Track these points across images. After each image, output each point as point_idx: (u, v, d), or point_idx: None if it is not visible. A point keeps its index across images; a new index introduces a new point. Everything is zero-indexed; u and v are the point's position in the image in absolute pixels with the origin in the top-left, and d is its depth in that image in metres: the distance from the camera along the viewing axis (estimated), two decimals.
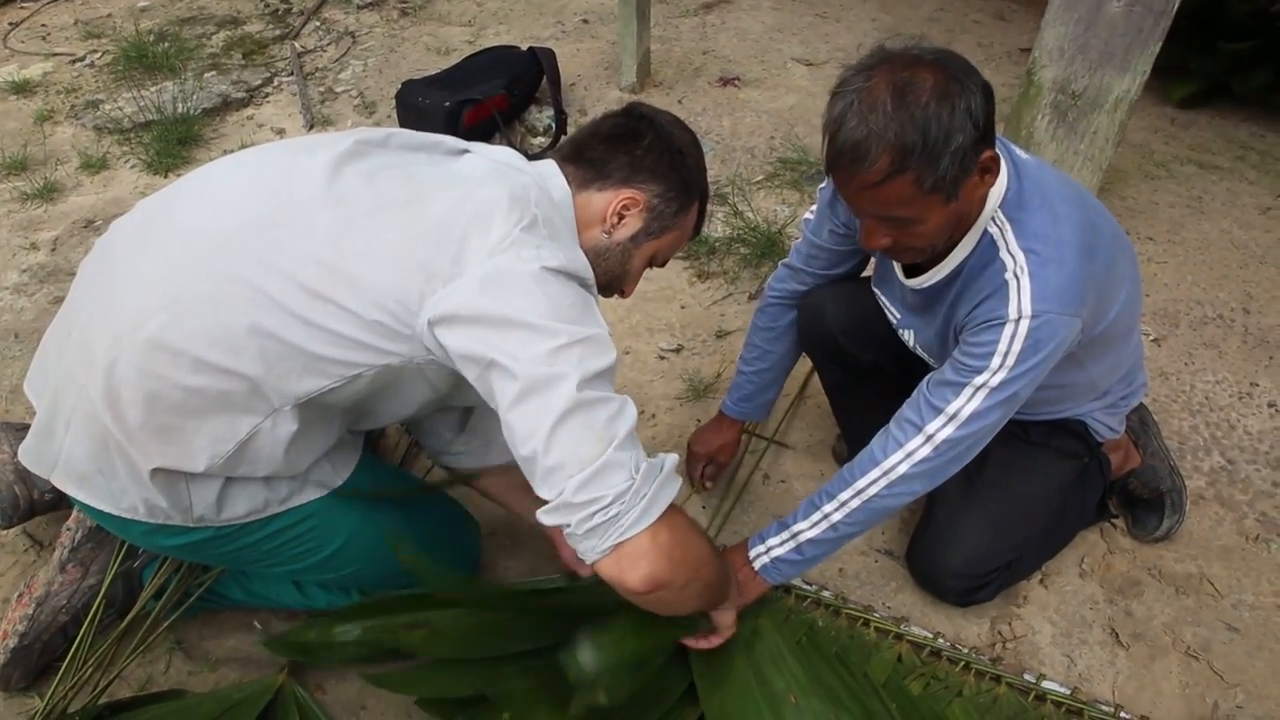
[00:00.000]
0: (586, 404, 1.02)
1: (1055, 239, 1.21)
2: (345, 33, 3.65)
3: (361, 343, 1.08)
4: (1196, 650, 1.58)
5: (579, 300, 1.09)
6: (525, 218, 1.09)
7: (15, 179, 2.79)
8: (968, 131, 1.07)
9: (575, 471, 1.01)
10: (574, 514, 1.02)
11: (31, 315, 2.28)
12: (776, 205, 2.67)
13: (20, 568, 1.67)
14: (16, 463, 1.55)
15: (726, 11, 3.79)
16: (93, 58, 3.47)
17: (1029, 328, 1.20)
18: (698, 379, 2.10)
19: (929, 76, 1.08)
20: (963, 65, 1.11)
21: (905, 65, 1.09)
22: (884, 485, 1.33)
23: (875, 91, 1.08)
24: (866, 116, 1.08)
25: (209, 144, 2.98)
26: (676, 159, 1.26)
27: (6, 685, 1.46)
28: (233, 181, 1.17)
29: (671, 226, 1.30)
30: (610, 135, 1.26)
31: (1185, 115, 3.15)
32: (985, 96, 1.10)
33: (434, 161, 1.19)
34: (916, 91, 1.07)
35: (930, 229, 1.18)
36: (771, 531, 1.44)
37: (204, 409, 1.10)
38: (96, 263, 1.20)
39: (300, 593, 1.51)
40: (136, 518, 1.18)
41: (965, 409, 1.26)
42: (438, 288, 1.05)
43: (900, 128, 1.06)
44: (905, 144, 1.07)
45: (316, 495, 1.28)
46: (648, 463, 1.06)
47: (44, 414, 1.19)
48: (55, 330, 1.22)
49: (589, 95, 3.20)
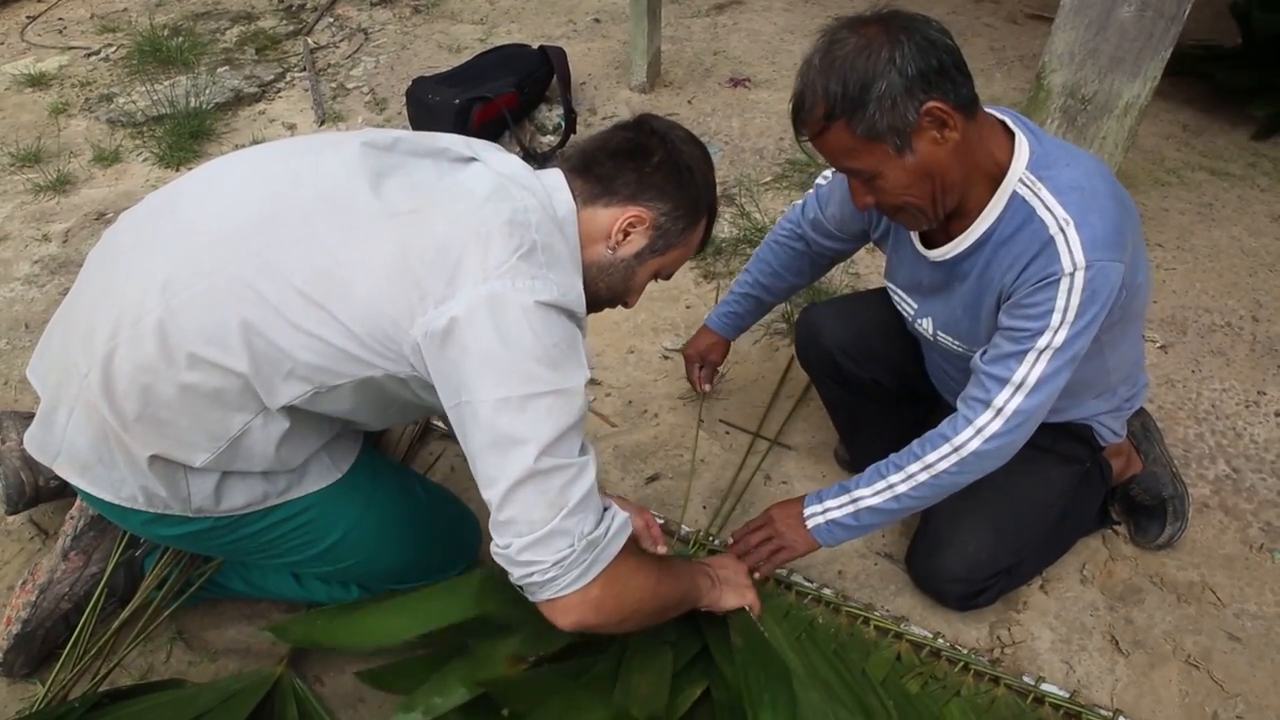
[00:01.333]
0: (544, 472, 1.06)
1: (1090, 189, 1.21)
2: (358, 29, 3.67)
3: (347, 353, 1.08)
4: (1197, 659, 1.57)
5: (565, 338, 1.09)
6: (524, 244, 1.09)
7: (29, 171, 2.81)
8: (891, 78, 1.11)
9: (524, 532, 1.08)
10: (516, 569, 1.11)
11: (42, 306, 2.30)
12: (784, 206, 2.67)
13: (25, 555, 1.68)
14: (23, 450, 1.56)
15: (738, 12, 3.79)
16: (108, 51, 3.50)
17: (1086, 278, 1.19)
18: None
19: (866, 31, 1.14)
20: (907, 20, 1.15)
21: (848, 24, 1.16)
22: (954, 462, 1.33)
23: (814, 54, 1.17)
24: (805, 73, 1.17)
25: (221, 138, 3.00)
26: (685, 176, 1.25)
27: (9, 672, 1.47)
28: (237, 180, 1.17)
29: (677, 244, 1.29)
30: (619, 150, 1.24)
31: (1197, 122, 3.13)
32: (922, 48, 1.12)
33: (440, 170, 1.18)
34: (841, 46, 1.14)
35: (893, 182, 1.20)
36: (831, 493, 1.44)
37: (197, 404, 1.11)
38: (101, 254, 1.22)
39: (300, 585, 1.52)
40: (136, 507, 1.19)
41: (1032, 374, 1.25)
42: (429, 307, 1.05)
43: (825, 79, 1.14)
44: (830, 93, 1.14)
45: (316, 488, 1.29)
46: (591, 535, 1.11)
47: (47, 401, 1.20)
48: (60, 318, 1.23)
49: (599, 94, 3.21)
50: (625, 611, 1.19)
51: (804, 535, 1.45)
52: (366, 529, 1.36)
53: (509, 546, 1.09)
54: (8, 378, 2.09)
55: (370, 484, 1.37)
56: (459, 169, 1.19)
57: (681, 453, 1.95)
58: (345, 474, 1.33)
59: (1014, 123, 1.27)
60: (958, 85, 1.15)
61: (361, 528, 1.35)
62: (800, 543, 1.46)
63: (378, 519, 1.37)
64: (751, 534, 1.50)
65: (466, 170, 1.18)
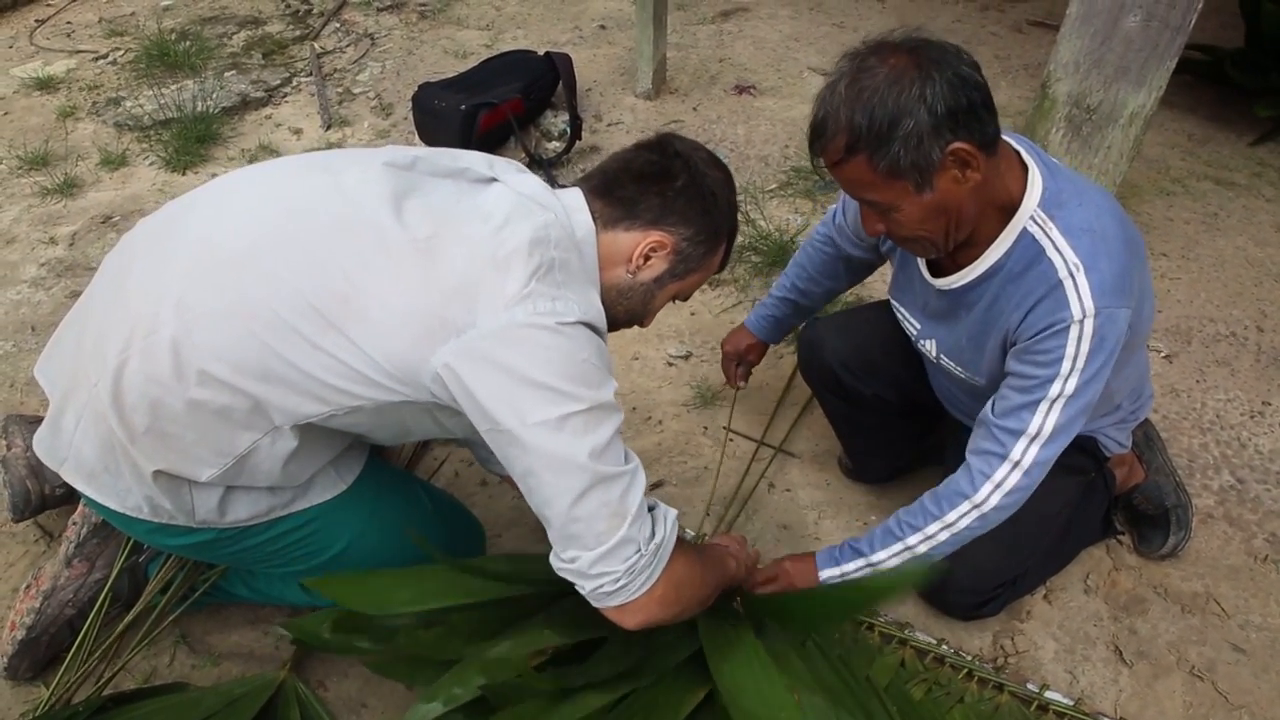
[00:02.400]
0: (601, 480, 1.07)
1: (1101, 232, 1.20)
2: (364, 34, 3.68)
3: (366, 377, 1.07)
4: (1201, 670, 1.57)
5: (593, 353, 1.09)
6: (543, 263, 1.08)
7: (36, 174, 2.82)
8: (920, 116, 1.08)
9: (592, 545, 1.09)
10: (587, 582, 1.12)
11: (49, 309, 2.30)
12: (789, 214, 2.67)
13: (30, 558, 1.68)
14: (29, 457, 1.57)
15: (743, 20, 3.80)
16: (115, 55, 3.51)
17: (1095, 325, 1.18)
18: (705, 386, 2.10)
19: (895, 61, 1.10)
20: (939, 53, 1.10)
21: (877, 50, 1.12)
22: (975, 519, 1.32)
23: (839, 79, 1.13)
24: (828, 99, 1.14)
25: (227, 143, 3.01)
26: (708, 202, 1.23)
27: (14, 676, 1.48)
28: (255, 196, 1.16)
29: (697, 268, 1.28)
30: (642, 174, 1.21)
31: (1203, 131, 3.14)
32: (954, 85, 1.08)
33: (460, 192, 1.16)
34: (871, 75, 1.10)
35: (908, 217, 1.18)
36: (846, 556, 1.44)
37: (204, 421, 1.10)
38: (116, 261, 1.21)
39: (305, 591, 1.52)
40: (141, 516, 1.20)
41: (1047, 425, 1.25)
42: (450, 337, 1.04)
43: (850, 110, 1.10)
44: (854, 125, 1.10)
45: (320, 500, 1.29)
46: (655, 539, 1.14)
47: (55, 406, 1.20)
48: (72, 321, 1.23)
49: (605, 101, 3.21)
50: (684, 602, 1.22)
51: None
52: (371, 538, 1.36)
53: (576, 560, 1.10)
54: (14, 380, 2.09)
55: (375, 493, 1.37)
56: (479, 190, 1.17)
57: (686, 459, 1.95)
58: (350, 485, 1.33)
59: (1028, 154, 1.25)
60: (984, 124, 1.13)
61: (366, 537, 1.35)
62: None
63: (382, 528, 1.37)
64: (763, 585, 1.49)
65: (486, 191, 1.17)
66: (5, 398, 2.04)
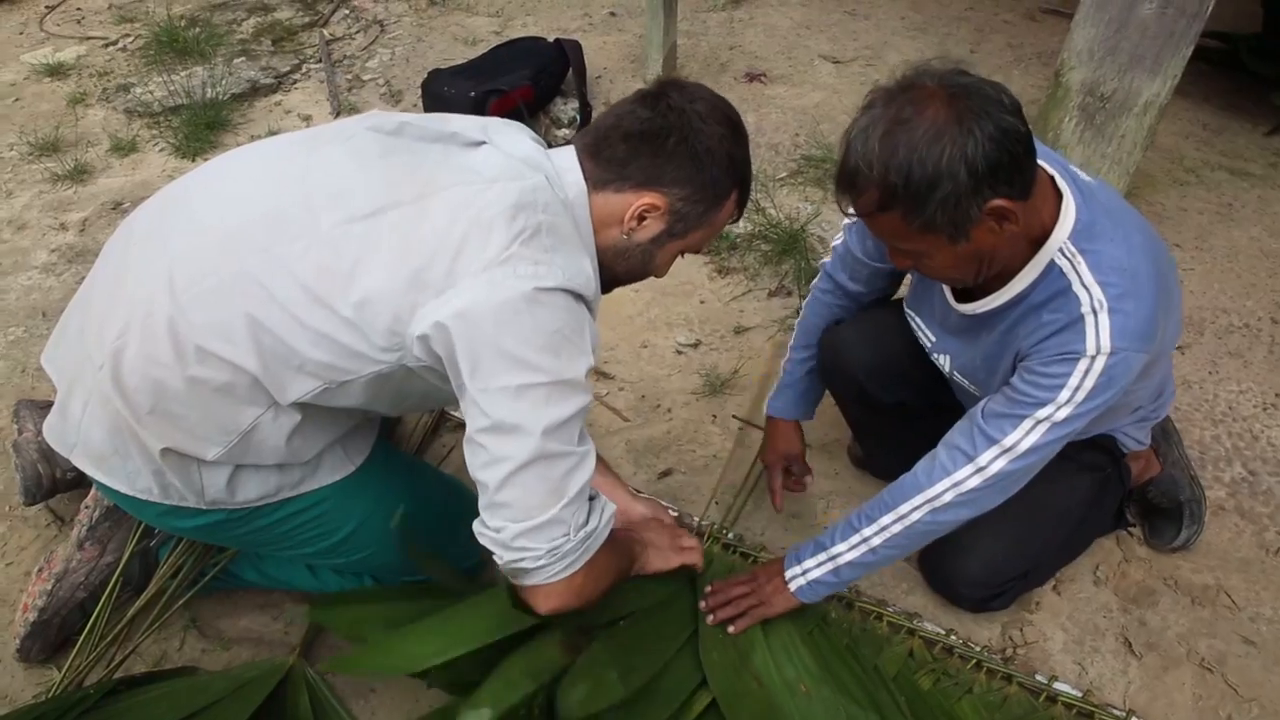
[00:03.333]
0: (547, 457, 1.06)
1: (1132, 271, 1.15)
2: (374, 21, 3.67)
3: (354, 350, 1.08)
4: (1211, 663, 1.56)
5: (568, 323, 1.07)
6: (528, 227, 1.06)
7: (47, 160, 2.83)
8: (959, 179, 1.03)
9: (520, 518, 1.08)
10: (505, 553, 1.11)
11: (59, 295, 2.31)
12: (799, 202, 2.66)
13: (42, 542, 1.69)
14: (40, 441, 1.57)
15: (754, 7, 3.78)
16: (125, 42, 3.51)
17: (1106, 364, 1.15)
18: (714, 374, 2.10)
19: (934, 113, 1.03)
20: (981, 101, 1.04)
21: (918, 97, 1.05)
22: (927, 512, 1.30)
23: (874, 126, 1.06)
24: (858, 147, 1.08)
25: (237, 129, 3.01)
26: (704, 160, 1.17)
27: (26, 657, 1.49)
28: (245, 175, 1.17)
29: (698, 225, 1.23)
30: (632, 133, 1.16)
31: (1218, 121, 3.11)
32: (996, 141, 1.03)
33: (447, 154, 1.15)
34: (910, 130, 1.04)
35: (939, 264, 1.16)
36: (808, 552, 1.42)
37: (207, 398, 1.11)
38: (115, 246, 1.22)
39: (314, 576, 1.53)
40: (151, 499, 1.20)
41: (1024, 442, 1.22)
42: (429, 299, 1.03)
43: (884, 167, 1.05)
44: (888, 184, 1.05)
45: (329, 480, 1.30)
46: (586, 527, 1.13)
47: (63, 392, 1.21)
48: (75, 307, 1.24)
49: (614, 88, 3.20)
50: (598, 593, 1.22)
51: (784, 595, 1.43)
52: (380, 521, 1.36)
53: (501, 530, 1.09)
54: (25, 365, 2.10)
55: (384, 476, 1.37)
56: (468, 153, 1.16)
57: (695, 448, 1.95)
58: (359, 466, 1.33)
59: (1062, 177, 1.20)
60: (1024, 173, 1.08)
61: (375, 520, 1.35)
62: (779, 603, 1.44)
63: (390, 510, 1.37)
64: (733, 586, 1.48)
65: (475, 153, 1.16)
66: (17, 383, 2.05)
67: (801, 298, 2.28)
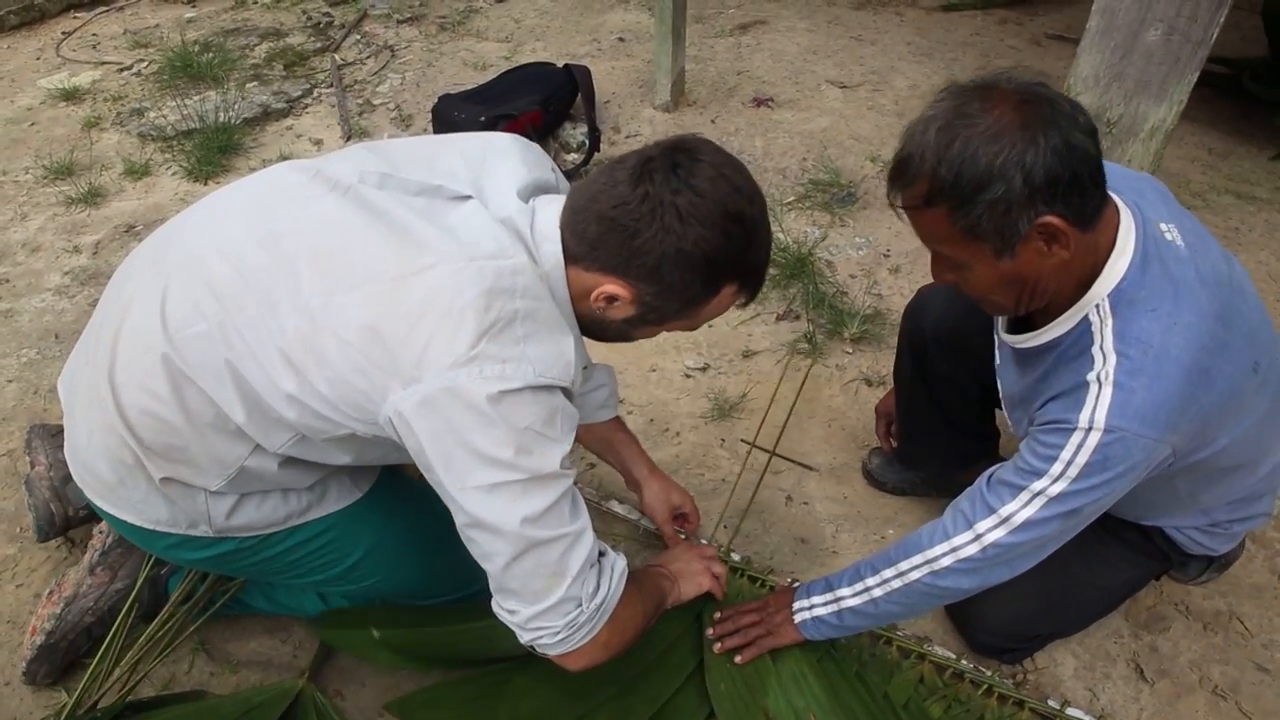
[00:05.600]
0: (536, 545, 1.06)
1: (1160, 349, 1.06)
2: (384, 46, 3.71)
3: (324, 416, 1.07)
4: (1224, 690, 1.55)
5: (538, 417, 1.03)
6: (501, 317, 1.01)
7: (61, 183, 2.85)
8: (1013, 184, 0.98)
9: (529, 603, 1.09)
10: (525, 634, 1.13)
11: (72, 317, 2.33)
12: (807, 226, 2.67)
13: (53, 564, 1.70)
14: (52, 478, 1.58)
15: (762, 32, 3.81)
16: (140, 66, 3.55)
17: (1099, 442, 1.08)
18: (723, 398, 2.10)
19: (1000, 114, 0.99)
20: (1053, 113, 0.99)
21: (985, 94, 1.01)
22: (926, 573, 1.25)
23: (935, 118, 1.02)
24: (917, 137, 1.03)
25: (249, 153, 3.04)
26: (674, 263, 1.06)
27: (33, 680, 1.49)
28: (242, 220, 1.14)
29: (677, 318, 1.16)
30: (604, 215, 1.06)
31: (1224, 145, 3.12)
32: (1060, 154, 0.97)
33: (429, 215, 1.09)
34: (971, 126, 0.99)
35: (980, 280, 1.10)
36: (817, 589, 1.40)
37: (203, 433, 1.12)
38: (120, 277, 1.23)
39: (324, 602, 1.53)
40: (160, 529, 1.21)
41: (1019, 515, 1.16)
42: (398, 388, 1.01)
43: (936, 158, 1.01)
44: (938, 176, 1.01)
45: (336, 508, 1.31)
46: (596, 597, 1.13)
47: (70, 421, 1.23)
48: (84, 338, 1.26)
49: (623, 113, 3.22)
50: (627, 642, 1.24)
51: (791, 628, 1.42)
52: (388, 548, 1.36)
53: (515, 614, 1.11)
54: (38, 387, 2.11)
55: (391, 502, 1.38)
56: (451, 211, 1.10)
57: (703, 471, 1.95)
58: (366, 493, 1.34)
59: (1139, 230, 1.11)
60: (1086, 199, 1.02)
61: (383, 547, 1.36)
62: (786, 634, 1.42)
63: (398, 537, 1.37)
64: (743, 614, 1.47)
65: (458, 212, 1.10)
66: (30, 404, 2.07)
67: (809, 322, 2.30)
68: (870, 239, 2.62)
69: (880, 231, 2.65)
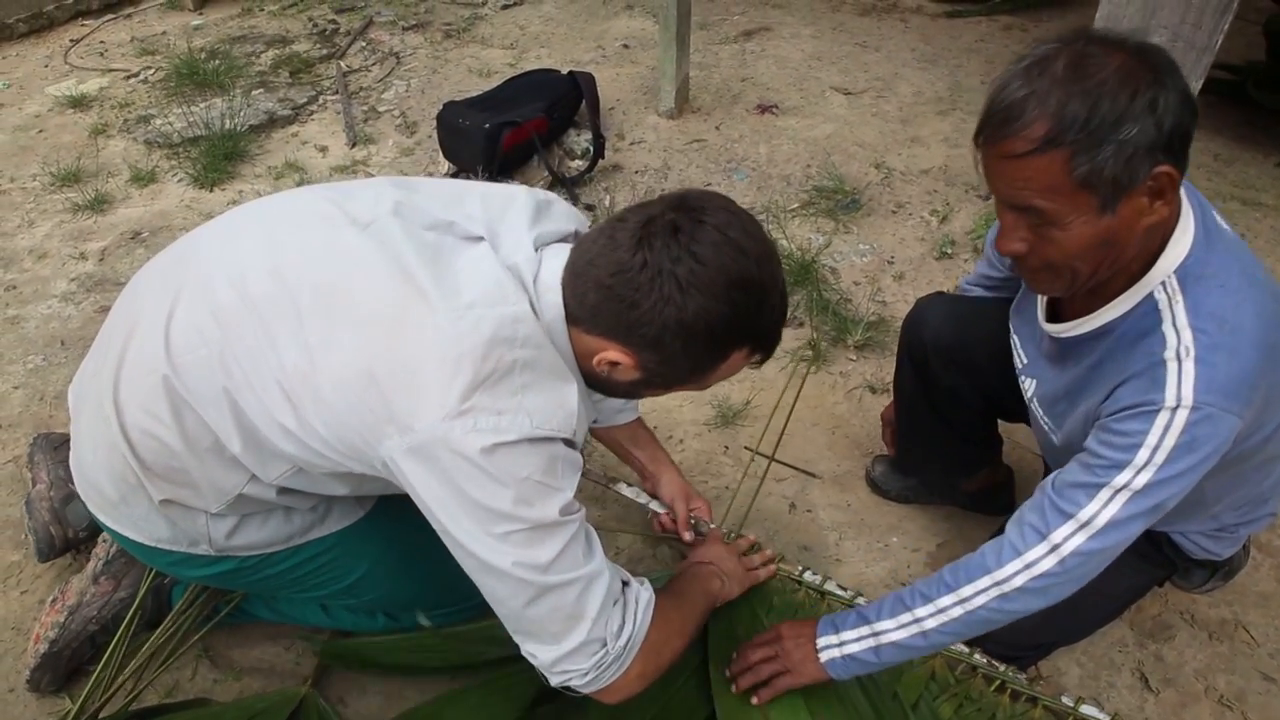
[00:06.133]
0: (549, 589, 1.04)
1: (1234, 324, 1.03)
2: (390, 53, 3.72)
3: (319, 452, 1.07)
4: (1230, 699, 1.54)
5: (536, 467, 1.00)
6: (499, 368, 0.99)
7: (68, 190, 2.87)
8: (1145, 125, 0.93)
9: (549, 645, 1.07)
10: (553, 677, 1.11)
11: (78, 323, 2.34)
12: (811, 233, 2.67)
13: (56, 570, 1.70)
14: (52, 498, 1.59)
15: (766, 39, 3.81)
16: (146, 74, 3.57)
17: (1187, 420, 1.02)
18: (726, 406, 2.10)
19: (1120, 57, 0.95)
20: (1167, 63, 0.96)
21: (1098, 42, 0.97)
22: (994, 597, 1.15)
23: (1052, 59, 0.96)
24: (1033, 79, 0.96)
25: (254, 160, 3.05)
26: (675, 334, 1.01)
27: (36, 688, 1.49)
28: (254, 245, 1.13)
29: (684, 382, 1.12)
30: (603, 283, 1.01)
31: (1229, 152, 3.11)
32: (1183, 102, 0.95)
33: (439, 251, 1.07)
34: (1097, 65, 0.94)
35: (1072, 240, 1.01)
36: (849, 622, 1.28)
37: (203, 457, 1.12)
38: (131, 294, 1.23)
39: (326, 614, 1.53)
40: (162, 545, 1.21)
41: (1102, 515, 1.08)
42: (393, 434, 0.99)
43: (1066, 95, 0.94)
44: (1067, 114, 0.94)
45: (338, 527, 1.31)
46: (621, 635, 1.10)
47: (75, 435, 1.23)
48: (93, 351, 1.25)
49: (628, 120, 3.23)
50: (665, 664, 1.20)
51: (813, 665, 1.29)
52: (390, 564, 1.36)
53: (536, 657, 1.09)
54: (43, 393, 2.12)
55: (393, 519, 1.37)
56: (459, 251, 1.08)
57: (707, 479, 1.94)
58: (369, 511, 1.34)
59: (1194, 210, 1.09)
60: (1187, 156, 0.99)
61: (385, 563, 1.36)
62: (808, 672, 1.30)
63: (401, 554, 1.37)
64: (755, 649, 1.36)
65: (466, 255, 1.07)
66: (35, 410, 2.07)
67: (813, 329, 2.29)
68: (874, 246, 2.62)
69: (884, 238, 2.65)
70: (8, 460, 1.94)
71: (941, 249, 2.59)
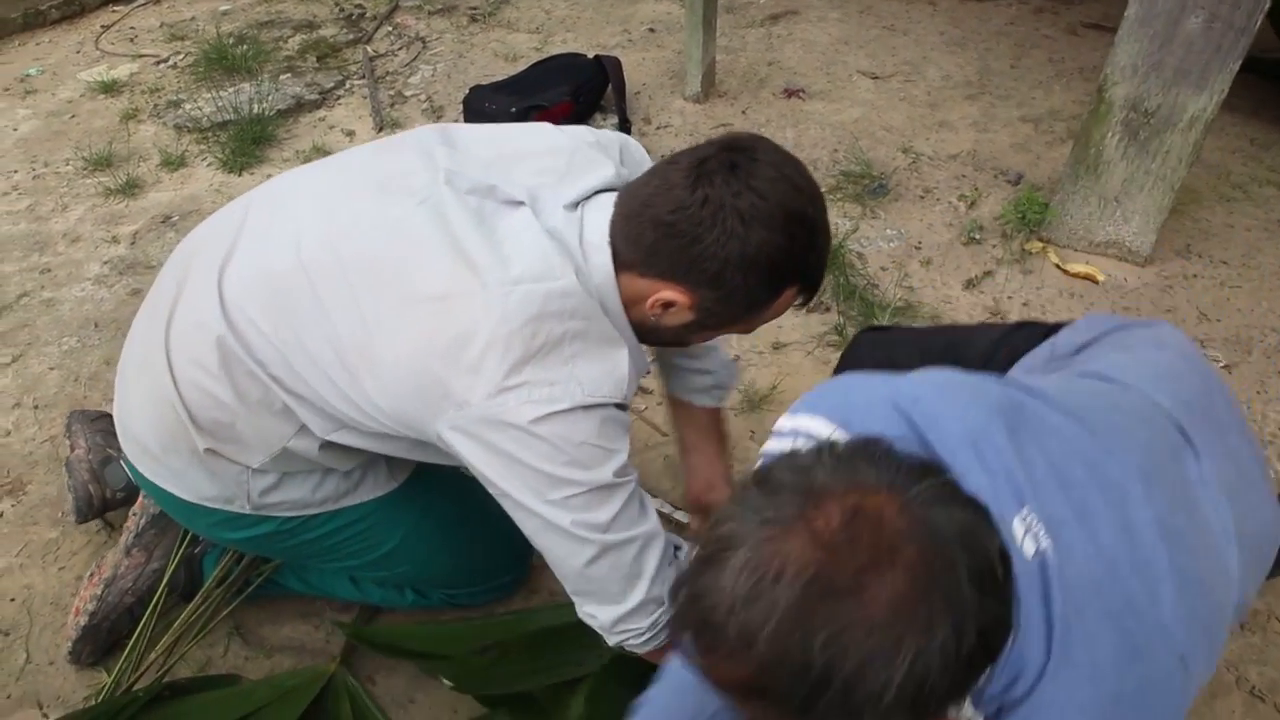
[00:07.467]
0: (609, 548, 1.07)
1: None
2: (416, 38, 3.73)
3: (376, 419, 1.09)
4: (1262, 690, 1.53)
5: (590, 431, 1.02)
6: (549, 341, 1.00)
7: (100, 175, 2.90)
8: (903, 707, 0.60)
9: (609, 605, 1.10)
10: (611, 637, 1.14)
11: (111, 306, 2.37)
12: (838, 218, 2.65)
13: (93, 546, 1.74)
14: (90, 460, 1.62)
15: (793, 23, 3.78)
16: (176, 59, 3.60)
17: None
18: (753, 390, 2.10)
19: (892, 578, 0.60)
20: (948, 561, 0.62)
21: (867, 542, 0.61)
22: None
23: (788, 551, 0.62)
24: (747, 592, 0.62)
25: (282, 144, 3.07)
26: (737, 269, 1.02)
27: (78, 660, 1.52)
28: (307, 211, 1.14)
29: (736, 321, 1.12)
30: (661, 220, 1.02)
31: (1266, 136, 3.05)
32: (970, 651, 0.62)
33: (482, 217, 1.07)
34: (848, 604, 0.60)
35: None
36: None
37: (252, 410, 1.14)
38: (181, 252, 1.26)
39: (356, 587, 1.55)
40: (201, 502, 1.23)
41: None
42: (448, 408, 1.02)
43: (783, 646, 0.60)
44: (777, 680, 0.62)
45: (372, 496, 1.32)
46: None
47: (122, 386, 1.26)
48: (144, 311, 1.27)
49: (654, 104, 3.22)
50: None
51: None
52: (422, 536, 1.38)
53: (595, 617, 1.13)
54: (78, 374, 2.15)
55: (427, 491, 1.39)
56: (501, 216, 1.08)
57: (734, 464, 1.94)
58: (402, 484, 1.35)
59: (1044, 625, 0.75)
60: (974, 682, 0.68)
61: (418, 535, 1.38)
62: None
63: (434, 526, 1.39)
64: None
65: (507, 221, 1.07)
66: (70, 391, 2.11)
67: (840, 314, 2.28)
68: (902, 231, 2.60)
69: (912, 224, 2.63)
70: (44, 439, 1.98)
71: (969, 234, 2.56)
